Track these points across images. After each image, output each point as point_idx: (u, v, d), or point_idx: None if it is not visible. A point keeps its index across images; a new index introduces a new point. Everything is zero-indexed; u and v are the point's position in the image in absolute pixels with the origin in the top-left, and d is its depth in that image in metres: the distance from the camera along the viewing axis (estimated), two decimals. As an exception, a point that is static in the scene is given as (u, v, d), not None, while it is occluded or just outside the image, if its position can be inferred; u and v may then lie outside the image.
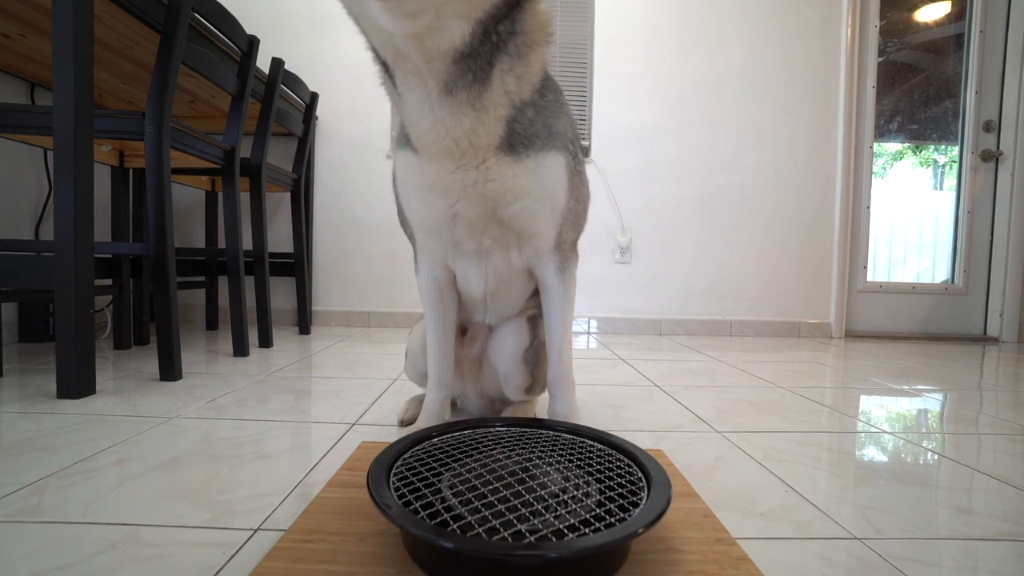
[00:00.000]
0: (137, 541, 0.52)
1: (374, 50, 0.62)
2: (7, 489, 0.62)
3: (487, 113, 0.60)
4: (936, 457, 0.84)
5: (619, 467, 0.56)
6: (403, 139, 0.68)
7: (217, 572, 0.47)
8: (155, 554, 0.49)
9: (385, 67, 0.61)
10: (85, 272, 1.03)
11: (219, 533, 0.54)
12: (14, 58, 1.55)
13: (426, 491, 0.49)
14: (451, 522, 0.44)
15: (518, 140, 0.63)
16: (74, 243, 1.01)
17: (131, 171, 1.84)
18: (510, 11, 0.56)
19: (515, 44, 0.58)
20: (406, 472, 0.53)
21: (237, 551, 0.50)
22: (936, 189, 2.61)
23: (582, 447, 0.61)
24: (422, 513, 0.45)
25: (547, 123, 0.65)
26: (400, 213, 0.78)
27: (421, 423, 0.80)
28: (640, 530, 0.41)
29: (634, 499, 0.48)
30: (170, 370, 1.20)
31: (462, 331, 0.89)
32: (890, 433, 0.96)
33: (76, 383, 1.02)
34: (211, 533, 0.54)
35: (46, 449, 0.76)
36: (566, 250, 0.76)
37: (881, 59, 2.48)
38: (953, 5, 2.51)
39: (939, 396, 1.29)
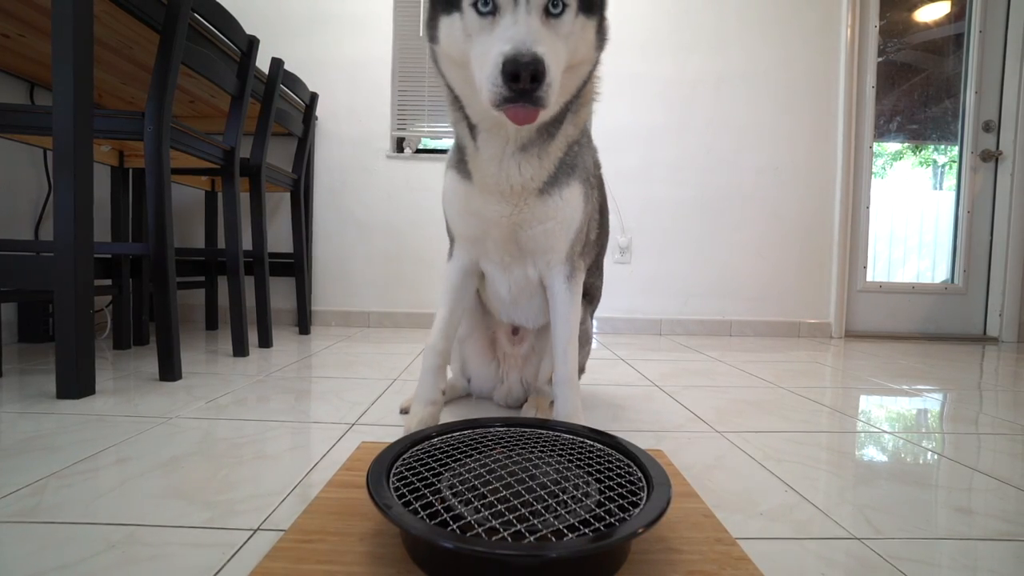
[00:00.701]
0: (137, 541, 0.52)
1: (462, 111, 0.74)
2: (7, 489, 0.62)
3: (548, 159, 0.74)
4: (935, 457, 0.84)
5: (619, 467, 0.56)
6: (459, 164, 0.79)
7: (217, 572, 0.47)
8: (155, 554, 0.49)
9: (469, 123, 0.74)
10: (85, 272, 1.03)
11: (219, 533, 0.54)
12: (13, 58, 1.55)
13: (426, 491, 0.49)
14: (451, 522, 0.44)
15: (558, 176, 0.76)
16: (74, 243, 1.01)
17: (131, 171, 1.84)
18: (583, 87, 0.73)
19: (577, 104, 0.74)
20: (406, 472, 0.53)
21: (237, 551, 0.50)
22: (936, 189, 2.62)
23: (582, 447, 0.61)
24: (422, 513, 0.45)
25: (581, 158, 0.78)
26: (446, 218, 0.89)
27: (417, 403, 0.88)
28: (640, 530, 0.41)
29: (634, 499, 0.48)
30: (170, 370, 1.20)
31: (513, 331, 1.03)
32: (890, 433, 0.96)
33: (76, 383, 1.02)
34: (211, 533, 0.54)
35: (46, 449, 0.76)
36: (575, 261, 0.84)
37: (881, 59, 2.49)
38: (953, 5, 2.51)
39: (939, 396, 1.29)
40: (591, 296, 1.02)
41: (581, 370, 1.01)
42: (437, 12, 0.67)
